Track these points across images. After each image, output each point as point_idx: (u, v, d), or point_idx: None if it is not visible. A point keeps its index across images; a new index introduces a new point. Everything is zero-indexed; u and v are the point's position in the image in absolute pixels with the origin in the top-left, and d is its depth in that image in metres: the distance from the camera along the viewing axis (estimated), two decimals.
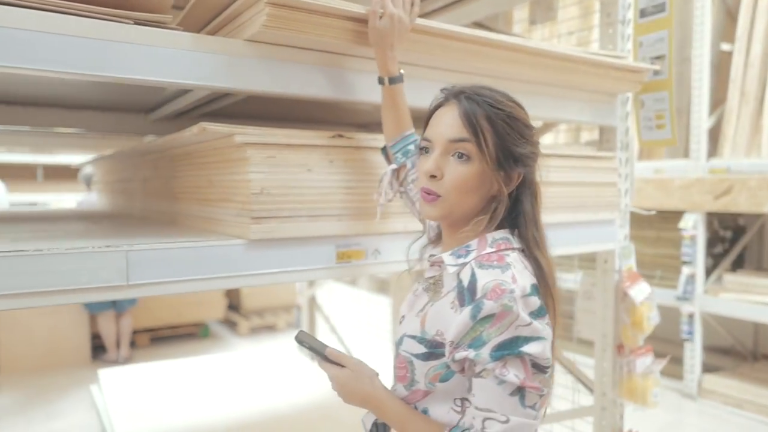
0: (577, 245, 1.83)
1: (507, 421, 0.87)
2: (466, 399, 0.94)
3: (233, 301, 5.85)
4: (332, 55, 1.31)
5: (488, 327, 0.86)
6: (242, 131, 1.18)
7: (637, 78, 1.84)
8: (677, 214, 3.82)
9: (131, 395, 2.89)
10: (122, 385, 3.04)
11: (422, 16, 2.13)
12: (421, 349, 0.96)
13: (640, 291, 1.85)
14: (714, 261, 4.05)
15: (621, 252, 1.91)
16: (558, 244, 1.08)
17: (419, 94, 1.36)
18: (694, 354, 3.80)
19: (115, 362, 4.47)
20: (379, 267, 1.41)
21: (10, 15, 0.98)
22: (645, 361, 1.86)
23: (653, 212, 2.29)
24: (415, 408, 0.99)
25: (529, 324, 0.87)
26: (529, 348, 0.87)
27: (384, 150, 1.34)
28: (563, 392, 2.24)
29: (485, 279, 0.89)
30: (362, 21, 1.23)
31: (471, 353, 0.87)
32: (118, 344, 4.67)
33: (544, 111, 1.74)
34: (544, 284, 0.94)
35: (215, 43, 1.17)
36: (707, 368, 3.95)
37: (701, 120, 3.71)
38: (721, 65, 4.06)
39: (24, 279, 1.01)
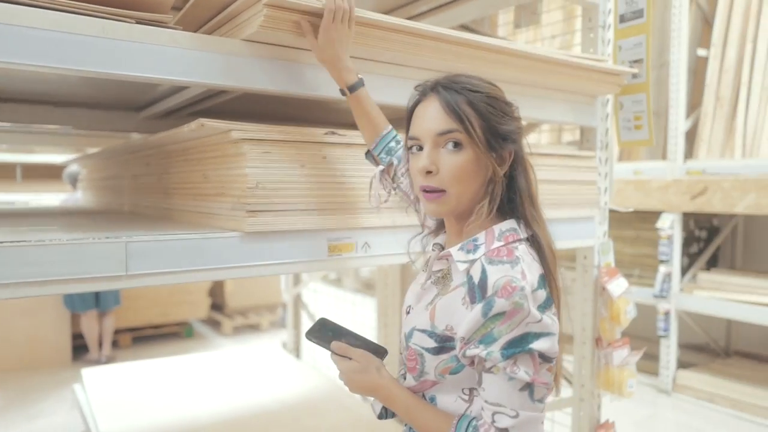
0: (558, 241, 1.87)
1: (516, 416, 0.89)
2: (474, 388, 0.96)
3: (217, 301, 5.83)
4: None
5: (499, 324, 0.88)
6: (239, 127, 1.22)
7: (616, 80, 1.91)
8: (655, 215, 3.93)
9: (115, 394, 2.89)
10: (106, 384, 3.03)
11: (410, 18, 2.19)
12: (432, 343, 0.97)
13: (618, 286, 1.92)
14: (690, 260, 4.16)
15: (600, 248, 1.98)
16: None
17: (406, 93, 1.40)
18: (669, 350, 3.91)
19: (98, 362, 4.44)
20: (369, 260, 1.46)
21: (10, 11, 1.00)
22: (622, 354, 1.92)
23: (631, 209, 2.37)
24: (423, 396, 1.02)
25: (540, 320, 0.89)
26: (538, 344, 0.89)
27: (368, 154, 1.34)
28: None
29: (496, 276, 0.90)
30: (360, 23, 1.27)
31: (482, 350, 0.89)
32: (100, 344, 4.64)
33: (528, 112, 1.79)
34: (547, 269, 0.97)
35: (214, 43, 1.21)
36: (682, 364, 4.07)
37: (678, 123, 3.81)
38: (697, 70, 4.18)
39: (27, 269, 1.03)
